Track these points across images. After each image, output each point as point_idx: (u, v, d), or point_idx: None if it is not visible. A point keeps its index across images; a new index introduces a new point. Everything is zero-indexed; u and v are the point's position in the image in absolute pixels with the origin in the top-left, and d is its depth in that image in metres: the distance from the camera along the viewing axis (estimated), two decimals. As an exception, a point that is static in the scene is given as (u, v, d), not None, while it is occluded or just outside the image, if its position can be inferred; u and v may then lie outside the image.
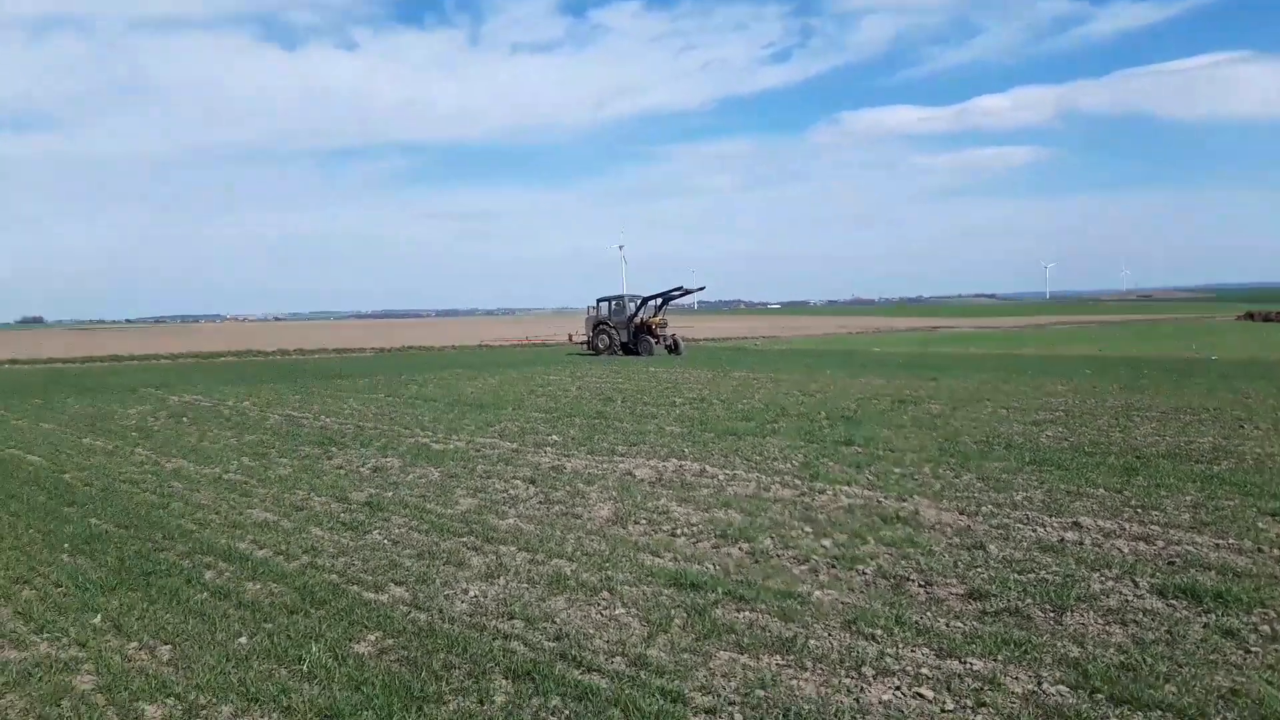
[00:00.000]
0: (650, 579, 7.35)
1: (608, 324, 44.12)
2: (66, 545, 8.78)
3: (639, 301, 44.18)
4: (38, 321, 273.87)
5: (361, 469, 12.57)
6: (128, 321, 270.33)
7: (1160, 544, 8.03)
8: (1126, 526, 8.63)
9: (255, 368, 37.74)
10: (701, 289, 51.47)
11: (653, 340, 42.27)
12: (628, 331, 43.16)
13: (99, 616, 6.74)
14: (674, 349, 42.02)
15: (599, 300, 45.72)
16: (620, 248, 69.62)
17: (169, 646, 6.17)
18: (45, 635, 6.43)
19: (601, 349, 43.70)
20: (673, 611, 6.58)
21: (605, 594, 7.00)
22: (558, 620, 6.48)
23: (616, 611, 6.64)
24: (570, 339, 51.47)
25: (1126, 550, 7.87)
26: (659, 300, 44.18)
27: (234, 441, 15.44)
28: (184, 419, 18.80)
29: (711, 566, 7.68)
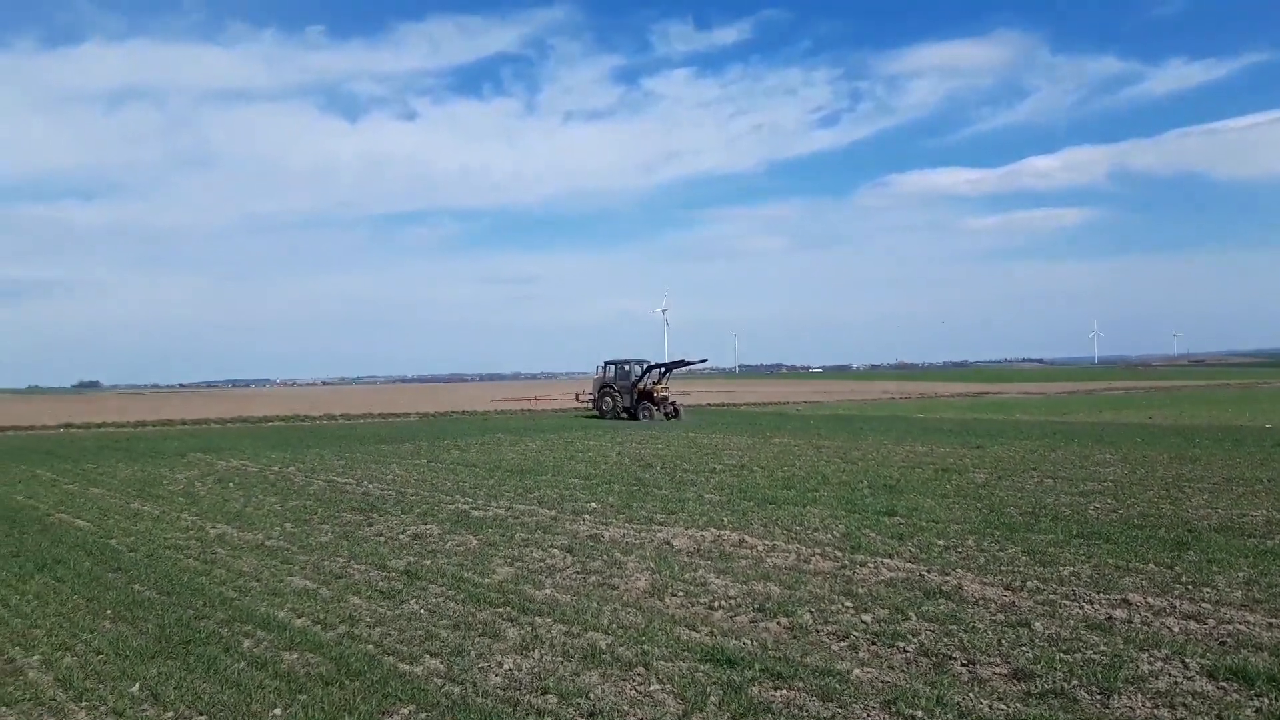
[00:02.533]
0: (686, 654, 7.27)
1: (612, 387, 45.39)
2: (109, 612, 8.90)
3: (644, 368, 45.21)
4: (94, 385, 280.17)
5: (401, 536, 12.63)
6: (181, 386, 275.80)
7: (1211, 623, 7.79)
8: (1177, 604, 8.39)
9: (301, 433, 38.25)
10: (703, 361, 52.64)
11: (653, 406, 43.34)
12: (630, 396, 44.24)
13: (137, 685, 6.81)
14: (673, 414, 43.28)
15: (606, 363, 46.82)
16: (663, 311, 70.36)
17: (204, 717, 6.21)
18: (84, 704, 6.50)
19: (605, 411, 45.19)
20: (709, 689, 6.49)
21: (640, 669, 6.93)
22: (592, 696, 6.41)
23: (651, 688, 6.57)
24: (577, 398, 53.23)
25: (1176, 629, 7.64)
26: (663, 369, 45.55)
27: (278, 507, 15.61)
28: (230, 484, 19.06)
29: (749, 642, 7.58)
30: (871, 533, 12.12)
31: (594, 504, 15.10)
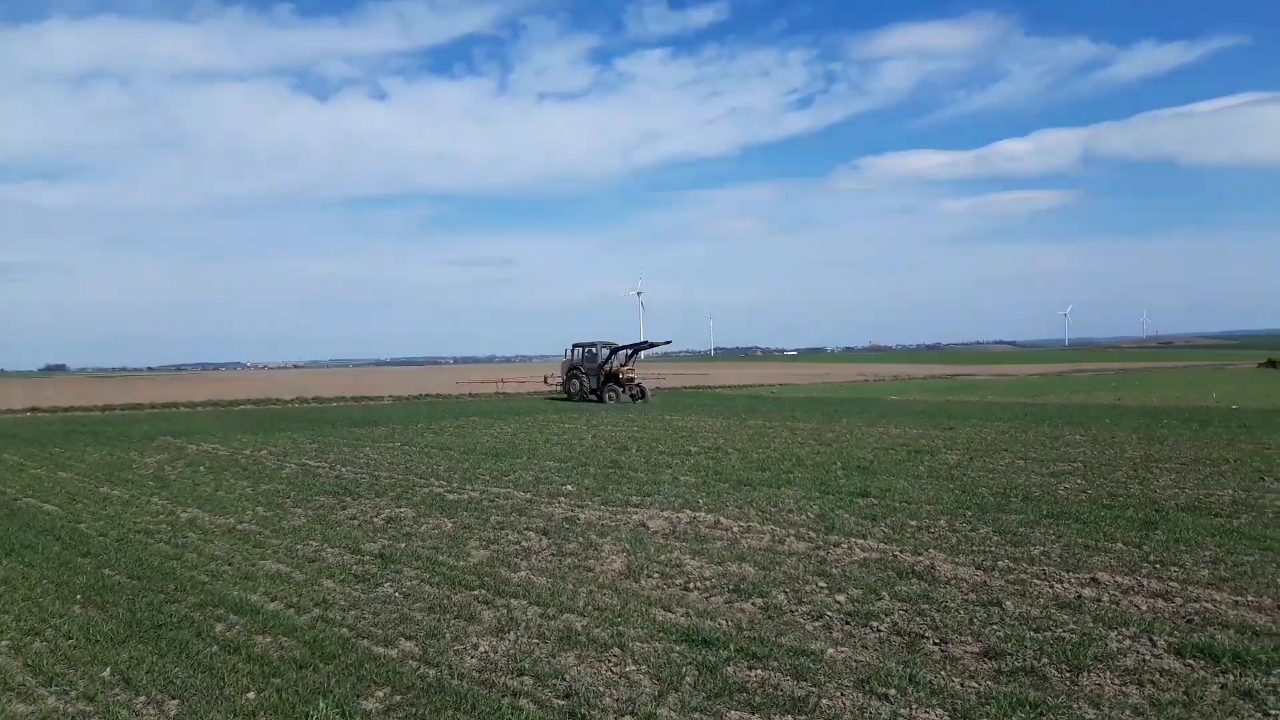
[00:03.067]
0: (662, 635, 7.29)
1: (580, 370, 45.84)
2: (79, 596, 8.80)
3: (610, 350, 45.57)
4: (61, 369, 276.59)
5: (375, 519, 12.58)
6: (149, 369, 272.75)
7: (1179, 601, 7.91)
8: (1144, 583, 8.51)
9: (273, 416, 37.94)
10: (668, 343, 53.14)
11: (619, 389, 43.60)
12: (596, 378, 44.61)
13: (108, 670, 6.74)
14: (640, 396, 43.65)
15: (573, 346, 47.26)
16: (639, 294, 70.50)
17: (176, 701, 6.16)
18: (54, 689, 6.43)
19: (573, 393, 45.72)
20: (684, 669, 6.52)
21: (616, 650, 6.95)
22: (568, 677, 6.42)
23: (627, 668, 6.59)
24: (546, 381, 53.94)
25: (1144, 608, 7.76)
26: (629, 351, 45.90)
27: (249, 491, 15.49)
28: (201, 468, 18.89)
29: (724, 622, 7.61)
30: (845, 514, 12.20)
31: (569, 486, 15.09)
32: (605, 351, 45.74)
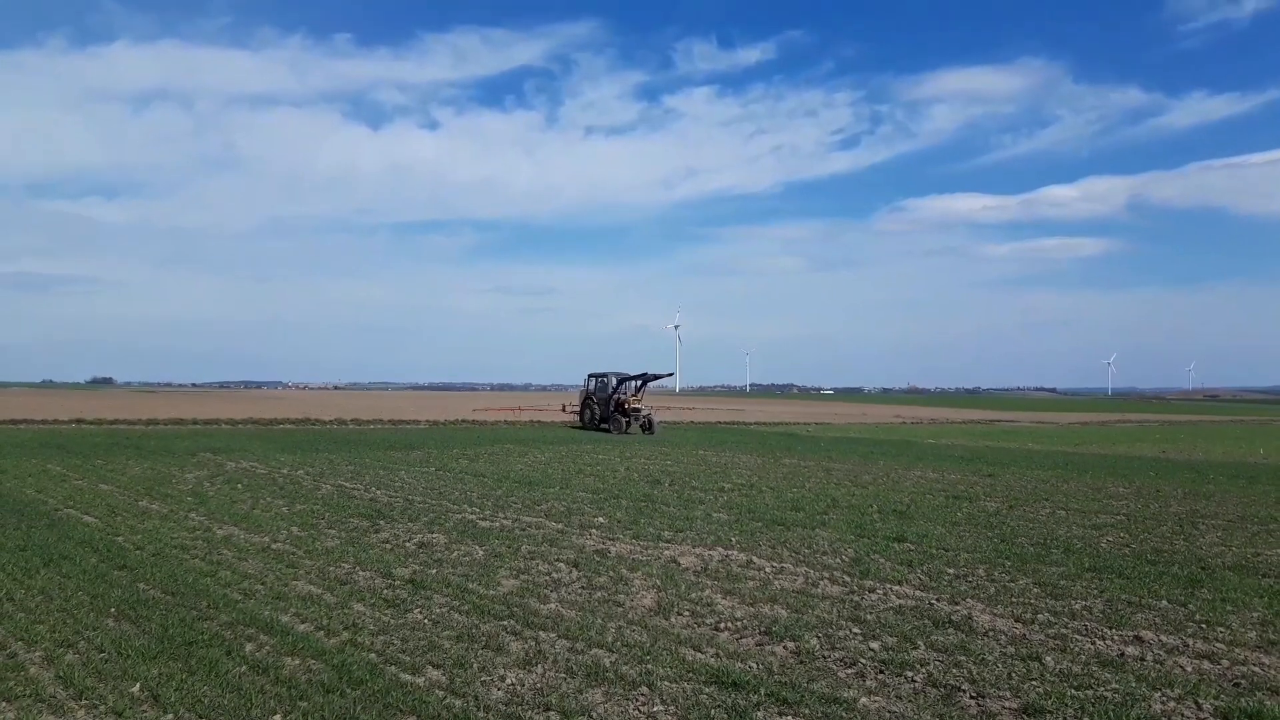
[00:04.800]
0: (691, 675, 7.19)
1: (593, 398, 47.45)
2: (113, 610, 8.87)
3: (618, 381, 46.54)
4: (108, 382, 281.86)
5: (407, 544, 12.59)
6: (193, 385, 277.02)
7: (1225, 663, 7.67)
8: (1190, 643, 8.27)
9: (312, 436, 38.30)
10: (670, 375, 54.90)
11: (624, 420, 44.35)
12: (605, 408, 45.81)
13: (138, 685, 6.76)
14: (647, 428, 44.21)
15: (590, 375, 49.00)
16: (676, 327, 70.79)
17: (204, 721, 6.16)
18: (83, 702, 6.46)
19: (585, 422, 47.42)
20: (713, 711, 6.41)
21: (644, 689, 6.86)
22: (594, 714, 6.34)
23: (654, 708, 6.49)
24: (564, 409, 55.74)
25: (1189, 669, 7.53)
26: (638, 382, 46.77)
27: (285, 510, 15.59)
28: (238, 485, 19.07)
29: (755, 665, 7.49)
30: (881, 558, 12.01)
31: (601, 519, 15.03)
32: (614, 381, 46.72)
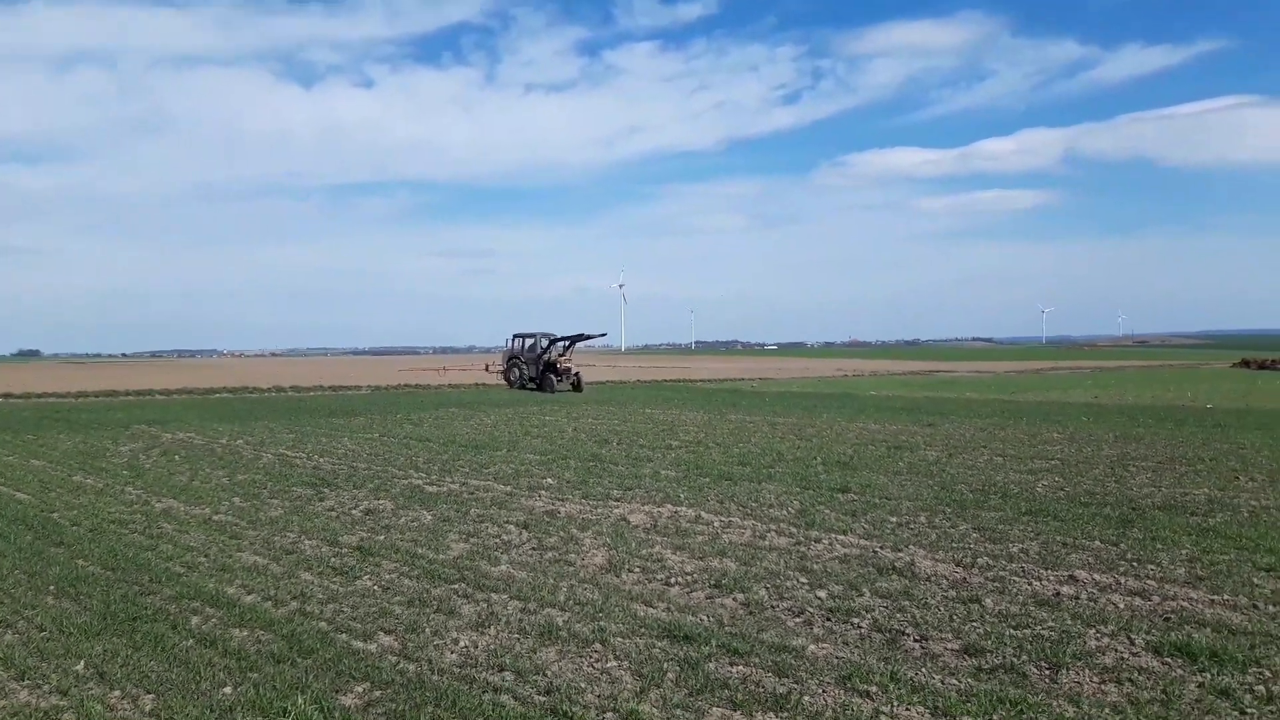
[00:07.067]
0: (643, 630, 7.27)
1: (520, 359, 48.27)
2: (52, 587, 8.68)
3: (549, 340, 47.42)
4: (34, 354, 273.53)
5: (353, 511, 12.49)
6: (124, 356, 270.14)
7: (1156, 599, 7.98)
8: (1122, 581, 8.57)
9: (249, 405, 37.63)
10: (603, 335, 55.52)
11: (554, 379, 45.39)
12: (535, 368, 46.70)
13: (82, 663, 6.65)
14: (576, 387, 45.43)
15: (514, 336, 49.89)
16: (620, 286, 70.96)
17: (152, 696, 6.08)
18: (26, 682, 6.34)
19: (512, 381, 48.24)
20: (665, 665, 6.50)
21: (597, 646, 6.92)
22: (549, 673, 6.39)
23: (608, 664, 6.56)
24: (487, 369, 56.78)
25: (1122, 605, 7.81)
26: (566, 342, 47.53)
27: (226, 481, 15.35)
28: (176, 457, 18.70)
29: (705, 618, 7.60)
30: (826, 509, 12.23)
31: (550, 480, 15.05)
32: (545, 342, 47.56)
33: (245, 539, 10.84)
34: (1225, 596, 8.02)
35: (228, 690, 6.13)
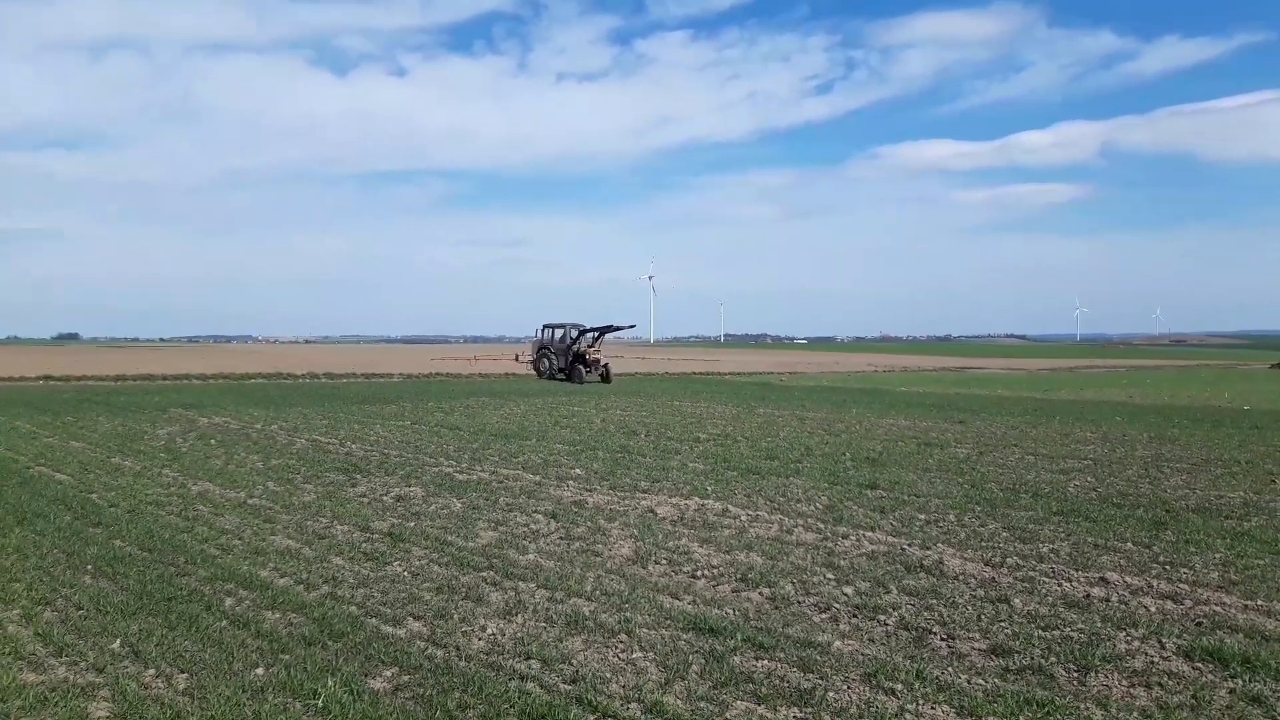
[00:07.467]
0: (669, 622, 7.30)
1: (549, 350, 48.36)
2: (89, 567, 8.86)
3: (579, 331, 47.46)
4: (74, 338, 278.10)
5: (384, 498, 12.62)
6: (161, 340, 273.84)
7: (1188, 603, 7.89)
8: (1154, 584, 8.49)
9: (284, 391, 38.06)
10: (632, 326, 55.05)
11: (584, 369, 45.56)
12: (565, 358, 46.78)
13: (118, 641, 6.78)
14: (605, 378, 45.52)
15: (544, 326, 49.79)
16: (650, 278, 70.93)
17: (185, 675, 6.19)
18: (64, 659, 6.47)
19: (541, 372, 48.32)
20: (691, 657, 6.53)
21: (623, 636, 6.96)
22: (574, 662, 6.44)
23: (634, 655, 6.60)
24: (516, 359, 57.30)
25: (1153, 609, 7.73)
26: (595, 333, 47.72)
27: (260, 465, 15.55)
28: (212, 441, 18.97)
29: (731, 611, 7.62)
30: (854, 505, 12.19)
31: (578, 470, 15.12)
32: (574, 333, 47.61)
33: (279, 523, 10.99)
34: (1259, 602, 7.91)
35: (260, 671, 6.23)
